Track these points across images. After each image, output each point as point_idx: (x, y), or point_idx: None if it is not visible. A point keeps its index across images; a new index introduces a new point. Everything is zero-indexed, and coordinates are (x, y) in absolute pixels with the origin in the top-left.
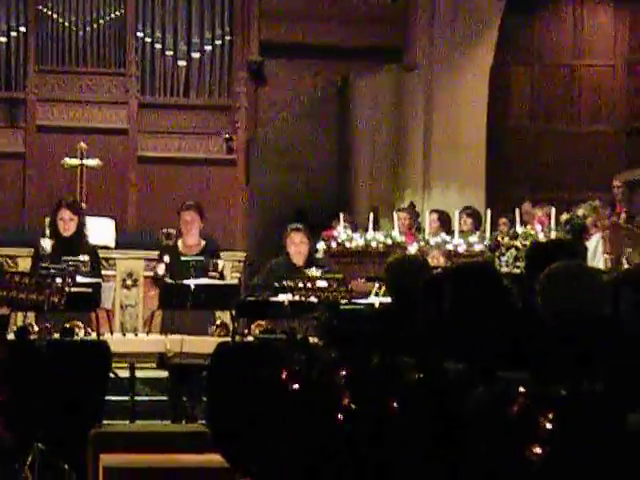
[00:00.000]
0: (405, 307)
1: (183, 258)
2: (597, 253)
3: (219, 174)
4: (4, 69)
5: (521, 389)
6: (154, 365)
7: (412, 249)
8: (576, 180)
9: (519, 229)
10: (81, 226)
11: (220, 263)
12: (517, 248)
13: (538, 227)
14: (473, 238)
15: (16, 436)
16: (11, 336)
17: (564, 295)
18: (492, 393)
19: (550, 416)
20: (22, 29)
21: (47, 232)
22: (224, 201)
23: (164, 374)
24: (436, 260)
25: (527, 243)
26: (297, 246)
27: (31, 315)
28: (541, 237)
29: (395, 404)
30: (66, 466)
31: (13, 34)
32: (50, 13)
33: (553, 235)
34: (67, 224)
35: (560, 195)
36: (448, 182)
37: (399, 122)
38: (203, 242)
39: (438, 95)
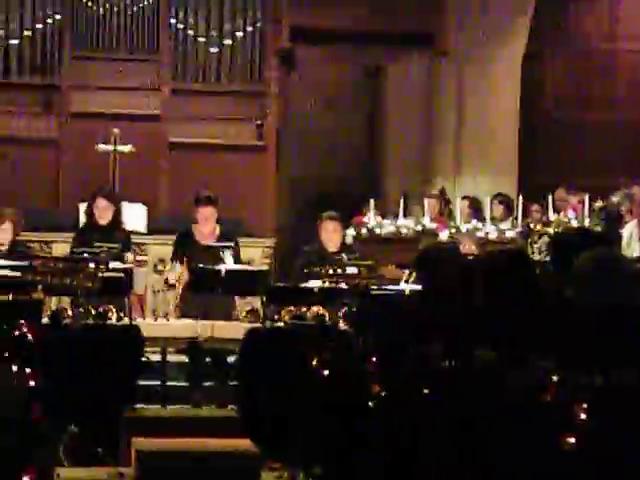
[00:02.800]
0: (436, 294)
1: (204, 241)
2: (632, 241)
3: (250, 160)
4: (39, 56)
5: (554, 378)
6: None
7: (443, 236)
8: (611, 167)
9: (552, 216)
10: (117, 214)
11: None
12: (549, 235)
13: (571, 214)
14: (505, 225)
15: (50, 420)
16: (45, 320)
17: (595, 284)
18: (524, 381)
19: (584, 405)
20: (57, 16)
21: (83, 220)
22: (254, 187)
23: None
24: (467, 248)
25: (560, 230)
26: (330, 234)
27: (65, 300)
28: (574, 224)
29: (426, 391)
30: (99, 450)
31: (49, 21)
32: (85, 0)
33: (587, 223)
34: (103, 212)
35: (594, 182)
36: (480, 168)
37: (431, 108)
38: (218, 229)
39: (470, 81)
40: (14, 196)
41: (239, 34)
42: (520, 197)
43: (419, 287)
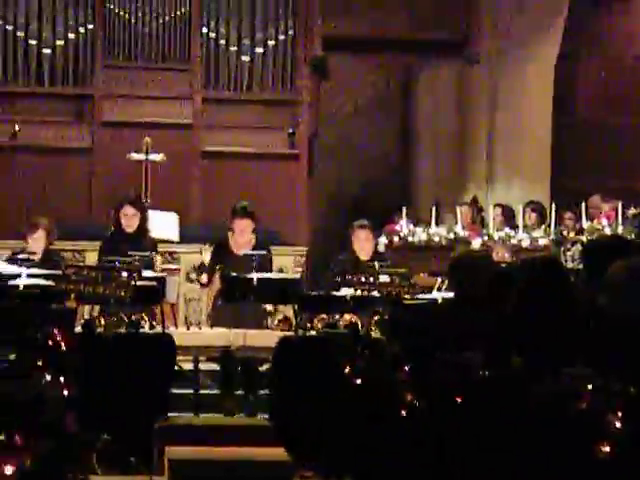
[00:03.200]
0: (469, 302)
1: (239, 252)
2: None
3: (282, 168)
4: (72, 65)
5: (588, 386)
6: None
7: (475, 244)
8: None
9: (585, 224)
10: (144, 221)
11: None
12: (582, 243)
13: (605, 222)
14: (538, 233)
15: (84, 429)
16: (78, 329)
17: (628, 293)
18: (558, 389)
19: (619, 414)
20: (90, 26)
21: (111, 227)
22: (287, 195)
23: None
24: (500, 256)
25: (593, 238)
26: (362, 243)
27: (98, 308)
28: (608, 232)
29: (460, 400)
30: (132, 459)
31: (81, 31)
32: (117, 10)
33: (620, 230)
34: (130, 220)
35: (628, 189)
36: (512, 176)
37: (462, 115)
38: (253, 239)
39: (502, 87)
40: (47, 205)
41: (271, 43)
42: (553, 204)
43: (452, 295)
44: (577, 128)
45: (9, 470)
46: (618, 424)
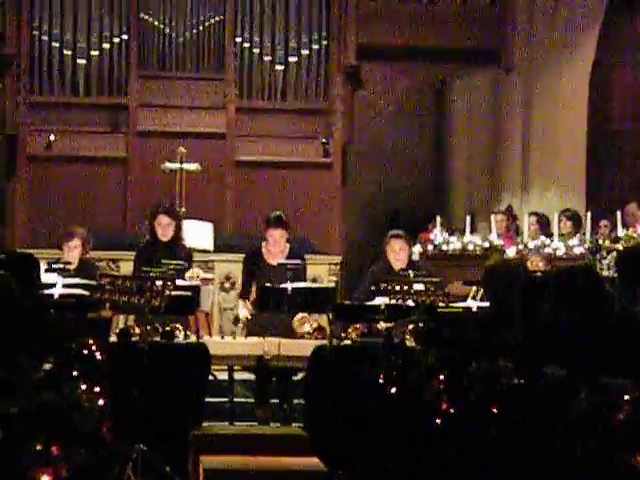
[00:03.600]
0: (504, 311)
1: (273, 261)
2: None
3: (316, 177)
4: (107, 75)
5: (626, 397)
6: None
7: (510, 252)
8: None
9: (621, 232)
10: (178, 230)
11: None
12: (618, 251)
13: None
14: (573, 241)
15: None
16: (113, 338)
17: None
18: (595, 400)
19: None
20: (124, 36)
21: (146, 237)
22: (321, 204)
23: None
24: (535, 264)
25: (629, 246)
26: (397, 253)
27: (132, 318)
28: None
29: (494, 409)
30: (167, 467)
31: (116, 41)
32: (151, 20)
33: None
34: (165, 229)
35: None
36: (547, 184)
37: (497, 124)
38: (287, 248)
39: (537, 96)
40: (82, 215)
41: (304, 52)
42: (588, 212)
43: (486, 304)
44: (612, 135)
45: None
46: None
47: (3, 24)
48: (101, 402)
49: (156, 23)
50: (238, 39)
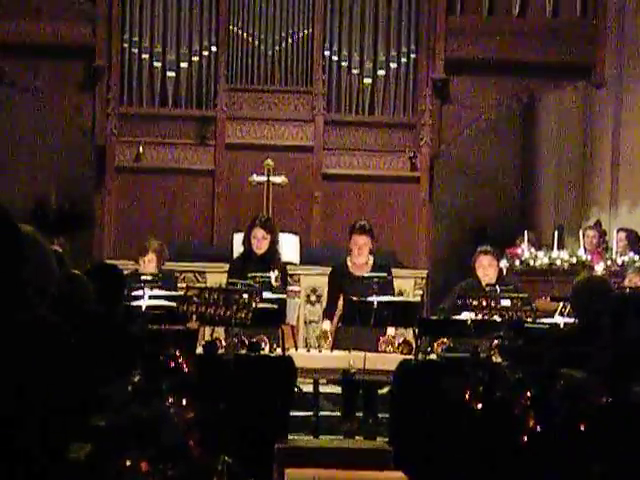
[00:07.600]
0: (591, 328)
1: (358, 273)
2: None
3: (403, 191)
4: (195, 88)
5: None
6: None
7: (598, 268)
8: None
9: None
10: (274, 244)
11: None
12: None
13: None
14: None
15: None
16: (199, 351)
17: None
18: None
19: None
20: (213, 48)
21: (241, 249)
22: (407, 218)
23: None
24: (633, 282)
25: None
26: (485, 268)
27: (219, 330)
28: None
29: (582, 427)
30: None
31: (205, 53)
32: (240, 32)
33: None
34: (260, 242)
35: None
36: (636, 199)
37: (586, 139)
38: (371, 259)
39: (627, 112)
40: (170, 226)
41: (393, 65)
42: None
43: (573, 320)
44: None
45: None
46: None
47: (94, 37)
48: (189, 415)
49: (245, 35)
50: (327, 52)
